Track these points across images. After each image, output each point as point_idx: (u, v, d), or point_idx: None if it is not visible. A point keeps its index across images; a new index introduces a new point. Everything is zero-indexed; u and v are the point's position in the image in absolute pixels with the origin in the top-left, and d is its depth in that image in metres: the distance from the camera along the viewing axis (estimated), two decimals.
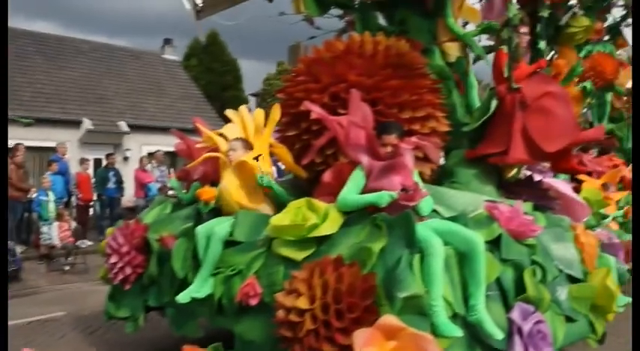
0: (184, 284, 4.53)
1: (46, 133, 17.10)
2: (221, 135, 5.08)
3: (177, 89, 22.90)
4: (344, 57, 4.99)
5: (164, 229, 4.98)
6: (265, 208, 4.65)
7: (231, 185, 4.63)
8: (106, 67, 21.70)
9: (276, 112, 4.84)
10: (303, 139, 4.96)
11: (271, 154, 5.07)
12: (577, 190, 7.86)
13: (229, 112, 5.24)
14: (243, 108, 5.14)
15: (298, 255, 4.00)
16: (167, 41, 24.62)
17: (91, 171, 15.65)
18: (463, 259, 3.84)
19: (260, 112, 4.88)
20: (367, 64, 4.93)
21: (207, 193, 4.63)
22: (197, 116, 6.50)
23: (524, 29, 5.44)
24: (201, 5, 5.45)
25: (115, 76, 21.53)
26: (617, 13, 9.93)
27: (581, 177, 8.31)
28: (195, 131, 5.48)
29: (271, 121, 4.87)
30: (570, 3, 7.99)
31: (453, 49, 6.09)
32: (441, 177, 5.55)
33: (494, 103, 5.28)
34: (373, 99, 4.82)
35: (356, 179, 4.11)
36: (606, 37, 10.17)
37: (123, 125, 19.28)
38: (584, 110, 10.07)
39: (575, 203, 6.07)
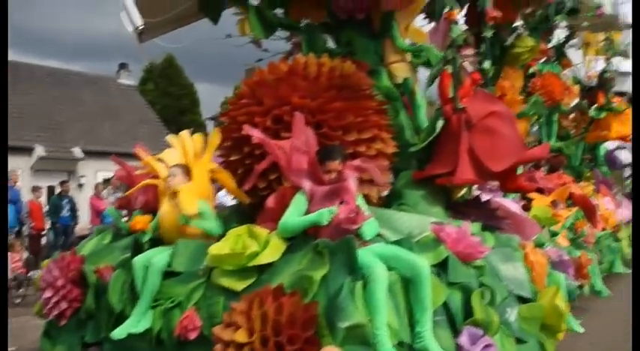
0: (122, 318, 4.26)
1: None
2: (161, 160, 4.85)
3: (133, 114, 22.50)
4: (287, 79, 4.84)
5: (102, 260, 4.71)
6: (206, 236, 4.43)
7: (170, 213, 4.40)
8: (60, 93, 21.22)
9: (216, 136, 4.64)
10: (246, 163, 4.77)
11: (214, 180, 4.86)
12: (527, 207, 7.86)
13: (170, 137, 5.02)
14: (184, 133, 4.92)
15: (238, 285, 3.80)
16: (123, 66, 24.25)
17: (44, 199, 15.12)
18: (408, 284, 3.68)
19: (198, 137, 4.67)
20: (311, 86, 4.79)
21: (141, 222, 4.38)
22: (154, 141, 6.25)
23: (468, 50, 5.38)
24: (142, 27, 5.24)
25: (69, 102, 21.04)
26: (561, 34, 10.09)
27: (531, 195, 8.32)
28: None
29: (210, 145, 4.66)
30: (515, 24, 8.06)
31: (400, 70, 6.00)
32: (389, 199, 5.42)
33: (440, 124, 5.19)
34: (317, 121, 4.68)
35: (297, 204, 3.94)
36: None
37: (77, 151, 18.78)
38: (535, 129, 10.14)
39: (525, 221, 6.01)
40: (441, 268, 4.15)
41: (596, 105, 9.98)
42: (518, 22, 8.24)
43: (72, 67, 22.91)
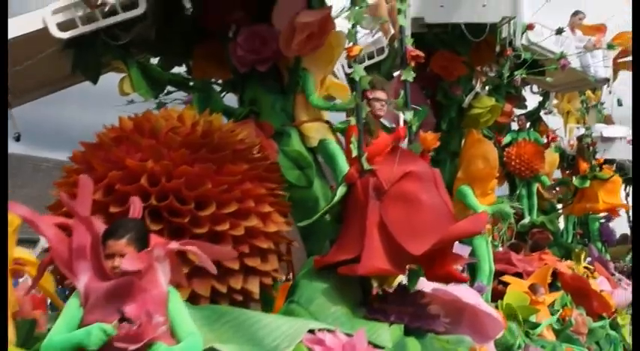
0: None
1: None
2: None
3: None
4: (130, 137, 3.41)
5: None
6: None
7: None
8: None
9: (13, 217, 3.14)
10: None
11: None
12: (502, 293, 6.15)
13: None
14: None
15: None
16: None
17: None
18: None
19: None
20: (158, 145, 3.34)
21: None
22: None
23: (379, 93, 3.95)
24: None
25: None
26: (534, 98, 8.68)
27: (507, 278, 6.60)
28: None
29: (10, 229, 3.16)
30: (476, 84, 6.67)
31: (313, 131, 4.57)
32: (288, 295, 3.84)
33: (341, 191, 3.66)
34: (162, 191, 3.20)
35: (68, 311, 2.38)
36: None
37: None
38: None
39: (484, 317, 4.34)
40: None
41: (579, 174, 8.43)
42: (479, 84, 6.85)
43: None
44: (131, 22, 4.38)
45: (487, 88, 6.63)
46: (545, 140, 8.63)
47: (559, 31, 6.18)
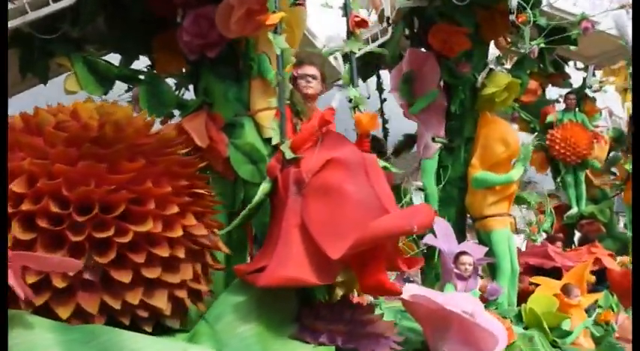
0: None
1: None
2: None
3: None
4: (16, 136, 2.98)
5: None
6: None
7: None
8: None
9: None
10: None
11: None
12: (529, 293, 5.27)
13: None
14: None
15: None
16: None
17: None
18: None
19: None
20: (42, 143, 2.89)
21: None
22: None
23: (308, 68, 3.29)
24: None
25: None
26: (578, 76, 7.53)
27: (536, 279, 5.66)
28: None
29: None
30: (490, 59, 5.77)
31: (269, 120, 3.95)
32: None
33: (263, 188, 3.05)
34: (37, 193, 2.75)
35: None
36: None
37: None
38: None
39: (476, 329, 3.58)
40: None
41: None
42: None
43: None
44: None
45: (505, 63, 5.71)
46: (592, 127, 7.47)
47: None
